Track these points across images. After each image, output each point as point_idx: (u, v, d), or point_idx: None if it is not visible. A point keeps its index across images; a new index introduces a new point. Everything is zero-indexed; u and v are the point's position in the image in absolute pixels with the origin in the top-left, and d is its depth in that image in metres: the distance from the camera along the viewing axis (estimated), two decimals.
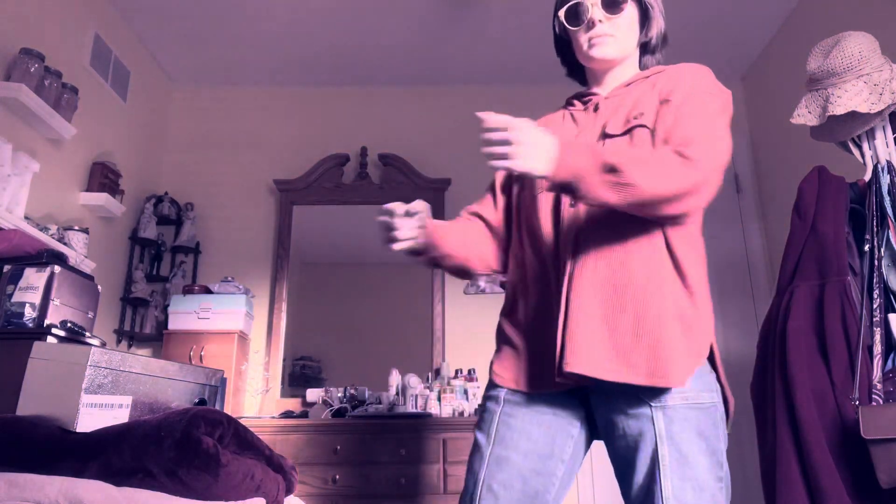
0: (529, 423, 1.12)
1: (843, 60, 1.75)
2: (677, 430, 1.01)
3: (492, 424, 1.14)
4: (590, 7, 1.18)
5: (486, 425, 1.15)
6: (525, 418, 1.13)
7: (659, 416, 1.02)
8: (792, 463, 1.59)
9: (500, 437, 1.12)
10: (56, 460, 1.21)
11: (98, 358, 1.34)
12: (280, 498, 1.42)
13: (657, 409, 1.02)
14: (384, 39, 3.22)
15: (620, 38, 1.20)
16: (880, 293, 1.60)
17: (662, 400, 1.02)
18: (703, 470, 1.00)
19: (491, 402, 1.17)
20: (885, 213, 1.68)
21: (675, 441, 1.00)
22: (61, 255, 2.05)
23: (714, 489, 1.00)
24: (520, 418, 1.13)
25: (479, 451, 1.14)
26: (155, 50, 3.31)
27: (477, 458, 1.14)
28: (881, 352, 1.55)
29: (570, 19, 1.21)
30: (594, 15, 1.18)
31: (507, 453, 1.11)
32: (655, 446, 1.00)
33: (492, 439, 1.13)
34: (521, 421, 1.12)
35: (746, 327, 3.17)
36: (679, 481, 0.98)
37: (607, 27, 1.18)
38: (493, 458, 1.11)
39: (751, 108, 3.48)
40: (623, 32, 1.21)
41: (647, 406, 1.03)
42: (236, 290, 2.98)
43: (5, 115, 2.25)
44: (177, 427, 1.24)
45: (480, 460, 1.13)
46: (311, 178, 3.35)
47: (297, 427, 2.57)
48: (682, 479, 0.99)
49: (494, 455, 1.11)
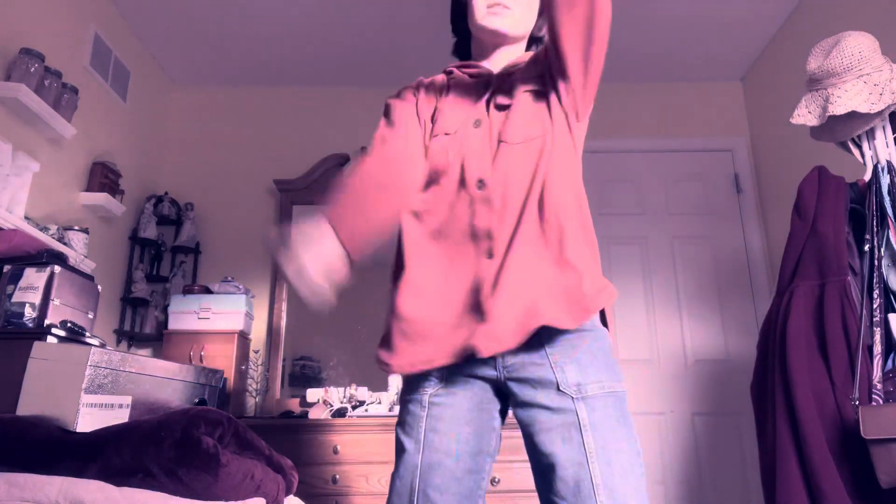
0: (457, 424, 1.10)
1: (843, 60, 1.75)
2: (599, 418, 1.02)
3: (419, 430, 1.10)
4: None
5: (412, 430, 1.11)
6: (452, 420, 1.10)
7: (581, 406, 1.02)
8: (792, 463, 1.59)
9: (428, 442, 1.09)
10: (56, 460, 1.21)
11: (98, 358, 1.34)
12: (280, 498, 1.42)
13: (579, 400, 1.03)
14: (384, 39, 3.22)
15: (518, 15, 1.20)
16: (880, 293, 1.60)
17: (582, 391, 1.03)
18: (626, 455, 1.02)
19: (414, 404, 1.13)
20: (885, 213, 1.68)
21: (600, 430, 1.01)
22: (61, 255, 2.05)
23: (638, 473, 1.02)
24: (447, 420, 1.10)
25: (407, 456, 1.10)
26: (155, 50, 3.31)
27: (406, 465, 1.10)
28: (881, 352, 1.55)
29: None
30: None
31: (438, 457, 1.08)
32: (581, 437, 1.01)
33: (420, 445, 1.09)
34: (449, 424, 1.09)
35: (746, 327, 3.17)
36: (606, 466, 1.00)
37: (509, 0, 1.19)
38: (425, 464, 1.08)
39: (751, 108, 3.48)
40: (522, 9, 1.21)
41: (568, 399, 1.03)
42: (236, 290, 2.98)
43: (5, 115, 2.25)
44: (177, 427, 1.24)
45: (411, 467, 1.09)
46: (311, 178, 3.35)
47: (297, 427, 2.57)
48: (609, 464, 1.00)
49: (426, 461, 1.08)
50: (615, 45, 3.67)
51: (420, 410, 1.12)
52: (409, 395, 1.15)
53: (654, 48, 3.29)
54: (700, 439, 3.05)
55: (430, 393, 1.12)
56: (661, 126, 3.52)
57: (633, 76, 3.54)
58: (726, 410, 3.06)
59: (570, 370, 1.04)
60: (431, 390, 1.12)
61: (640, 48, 3.29)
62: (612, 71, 3.50)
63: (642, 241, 3.34)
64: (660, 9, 3.00)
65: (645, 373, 3.13)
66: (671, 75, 3.53)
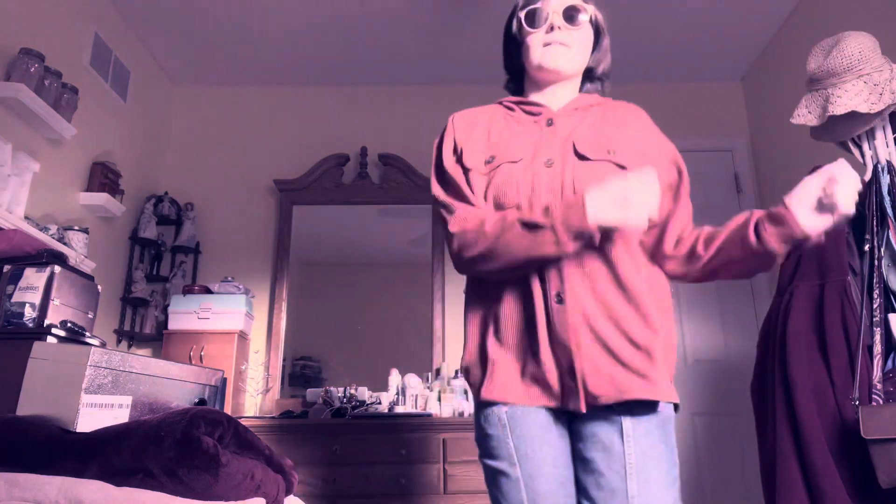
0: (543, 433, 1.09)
1: (843, 60, 1.75)
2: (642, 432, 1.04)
3: (507, 447, 1.08)
4: (550, 13, 1.20)
5: (501, 450, 1.09)
6: (536, 431, 1.08)
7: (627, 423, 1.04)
8: (792, 463, 1.59)
9: (522, 455, 1.07)
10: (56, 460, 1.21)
11: (98, 358, 1.34)
12: (280, 498, 1.42)
13: (626, 418, 1.04)
14: (384, 39, 3.22)
15: (575, 52, 1.22)
16: (880, 293, 1.60)
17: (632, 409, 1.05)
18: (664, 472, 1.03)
19: (493, 427, 1.11)
20: (885, 213, 1.68)
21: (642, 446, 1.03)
22: (61, 255, 2.05)
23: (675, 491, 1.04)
24: (532, 431, 1.08)
25: (505, 477, 1.08)
26: (155, 50, 3.31)
27: (508, 485, 1.07)
28: (881, 352, 1.55)
29: (530, 20, 1.21)
30: (554, 21, 1.19)
31: (537, 466, 1.06)
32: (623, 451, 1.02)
33: (515, 460, 1.07)
34: (533, 433, 1.08)
35: (746, 327, 3.17)
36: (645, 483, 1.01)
37: (565, 35, 1.20)
38: (526, 476, 1.06)
39: (751, 108, 3.48)
40: (577, 47, 1.22)
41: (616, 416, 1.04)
42: (236, 290, 2.98)
43: (5, 115, 2.25)
44: (177, 427, 1.24)
45: (514, 484, 1.07)
46: (311, 178, 3.35)
47: (297, 427, 2.57)
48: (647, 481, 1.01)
49: (526, 473, 1.06)
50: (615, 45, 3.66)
51: (501, 431, 1.10)
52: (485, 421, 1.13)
53: (654, 48, 3.29)
54: (700, 439, 3.04)
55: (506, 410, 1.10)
56: (662, 126, 3.49)
57: (633, 76, 3.54)
58: (726, 410, 3.06)
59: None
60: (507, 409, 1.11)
61: (640, 48, 3.29)
62: (612, 71, 3.49)
63: None
64: (660, 9, 3.00)
65: None
66: (671, 75, 3.53)
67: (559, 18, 1.19)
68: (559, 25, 1.19)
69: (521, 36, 1.25)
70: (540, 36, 1.20)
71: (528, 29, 1.21)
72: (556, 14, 1.20)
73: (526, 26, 1.21)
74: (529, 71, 1.25)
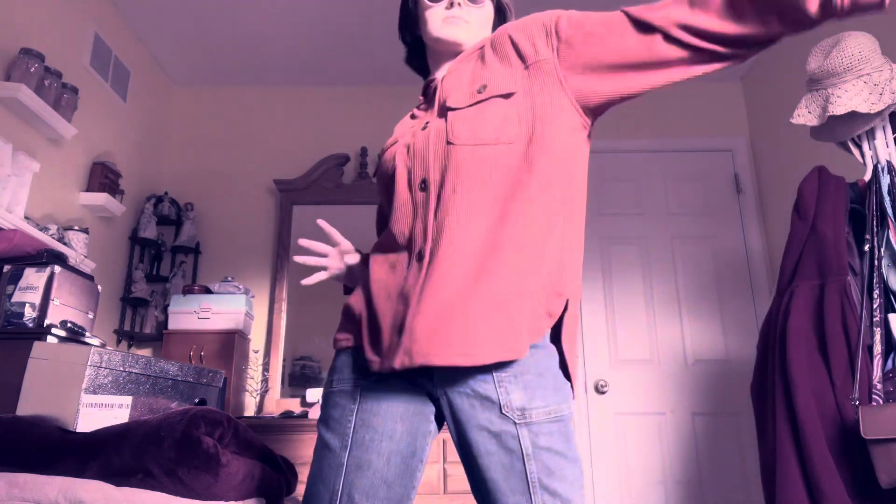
0: (391, 420, 1.00)
1: (843, 60, 1.75)
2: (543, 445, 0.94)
3: (346, 424, 1.00)
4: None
5: (338, 425, 1.01)
6: (385, 414, 1.00)
7: (525, 433, 0.93)
8: (792, 463, 1.59)
9: (358, 439, 0.99)
10: (56, 460, 1.21)
11: (98, 358, 1.34)
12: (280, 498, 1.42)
13: (522, 426, 0.94)
14: (384, 39, 3.22)
15: (474, 28, 1.18)
16: (880, 293, 1.60)
17: (526, 416, 0.94)
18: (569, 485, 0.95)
19: (342, 396, 1.03)
20: (885, 213, 1.68)
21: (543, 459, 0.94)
22: (61, 255, 2.05)
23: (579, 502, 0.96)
24: (380, 415, 1.00)
25: (331, 455, 1.00)
26: (155, 50, 3.31)
27: (329, 465, 1.00)
28: (881, 352, 1.55)
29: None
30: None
31: (367, 457, 0.98)
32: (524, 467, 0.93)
33: (348, 441, 0.99)
34: (382, 418, 1.00)
35: (746, 327, 3.17)
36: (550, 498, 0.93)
37: (464, 12, 1.16)
38: (352, 463, 0.98)
39: (751, 108, 3.48)
40: (477, 24, 1.18)
41: (510, 423, 0.94)
42: (236, 290, 2.98)
43: (5, 115, 2.25)
44: (177, 427, 1.24)
45: (335, 467, 0.99)
46: (311, 178, 3.35)
47: (297, 427, 2.57)
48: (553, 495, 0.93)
49: (353, 460, 0.98)
50: None
51: (349, 403, 1.02)
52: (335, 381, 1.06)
53: None
54: (700, 439, 3.05)
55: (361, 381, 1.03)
56: (661, 126, 3.52)
57: None
58: (726, 410, 3.06)
59: (515, 392, 0.94)
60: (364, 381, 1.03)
61: None
62: None
63: (642, 241, 3.34)
64: None
65: (645, 373, 3.13)
66: None
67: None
68: (459, 2, 1.16)
69: (417, 10, 1.21)
70: (439, 11, 1.16)
71: (427, 2, 1.18)
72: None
73: (426, 0, 1.18)
74: (427, 43, 1.22)
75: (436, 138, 1.05)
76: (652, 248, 3.33)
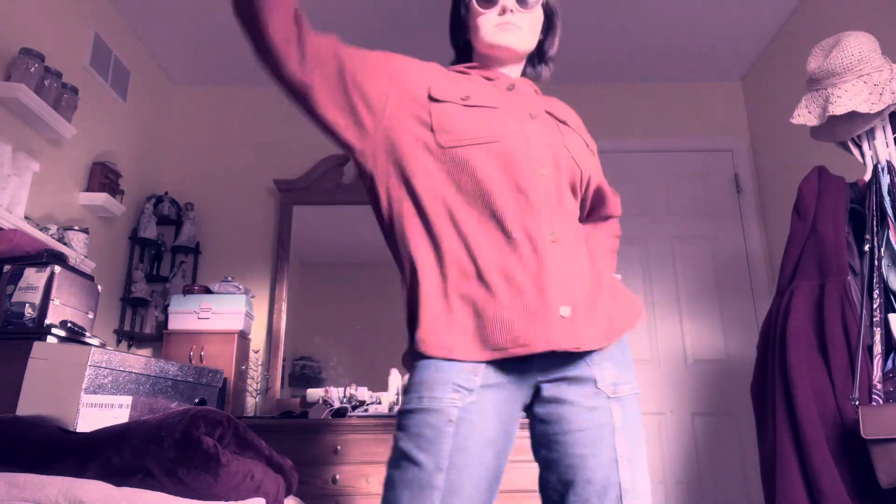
0: (483, 444, 0.98)
1: (843, 60, 1.75)
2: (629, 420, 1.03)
3: (441, 446, 0.96)
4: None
5: (432, 445, 0.96)
6: (480, 439, 0.98)
7: (616, 407, 1.03)
8: (792, 463, 1.59)
9: (453, 463, 0.96)
10: (56, 460, 1.21)
11: (98, 358, 1.34)
12: (280, 498, 1.42)
13: (614, 400, 1.03)
14: (384, 39, 3.22)
15: (525, 35, 1.20)
16: (880, 293, 1.60)
17: (617, 391, 1.04)
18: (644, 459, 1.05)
19: (435, 416, 0.98)
20: (885, 213, 1.68)
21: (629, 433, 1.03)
22: (61, 255, 2.05)
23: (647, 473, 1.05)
24: (474, 439, 0.97)
25: (422, 474, 0.96)
26: (155, 50, 3.31)
27: (419, 484, 0.95)
28: (881, 352, 1.55)
29: (482, 1, 1.19)
30: (506, 3, 1.18)
31: (461, 481, 0.96)
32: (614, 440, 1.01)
33: (443, 464, 0.96)
34: (476, 443, 0.98)
35: (746, 327, 3.17)
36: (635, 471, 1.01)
37: (517, 18, 1.18)
38: (447, 487, 0.95)
39: (751, 108, 3.48)
40: (528, 30, 1.21)
41: (603, 397, 1.02)
42: (236, 290, 2.98)
43: (5, 115, 2.25)
44: (177, 427, 1.24)
45: (426, 487, 0.95)
46: (311, 178, 3.35)
47: (297, 427, 2.57)
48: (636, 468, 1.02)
49: (448, 484, 0.95)
50: (615, 45, 3.66)
51: (445, 424, 0.97)
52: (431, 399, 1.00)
53: (653, 48, 3.29)
54: (700, 439, 3.05)
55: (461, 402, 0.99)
56: (661, 126, 3.52)
57: (633, 76, 3.54)
58: (726, 410, 3.06)
59: (608, 368, 1.04)
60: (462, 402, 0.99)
61: (640, 48, 3.29)
62: (612, 71, 3.50)
63: (642, 241, 3.34)
64: (660, 9, 3.00)
65: (645, 373, 3.13)
66: (671, 75, 3.53)
67: (512, 1, 1.18)
68: (511, 8, 1.17)
69: (469, 17, 1.23)
70: (492, 17, 1.18)
71: (479, 9, 1.19)
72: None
73: (478, 7, 1.19)
74: (479, 49, 1.23)
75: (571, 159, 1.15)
76: (652, 248, 3.33)
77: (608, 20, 3.08)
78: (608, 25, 3.11)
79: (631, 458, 1.01)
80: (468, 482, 0.96)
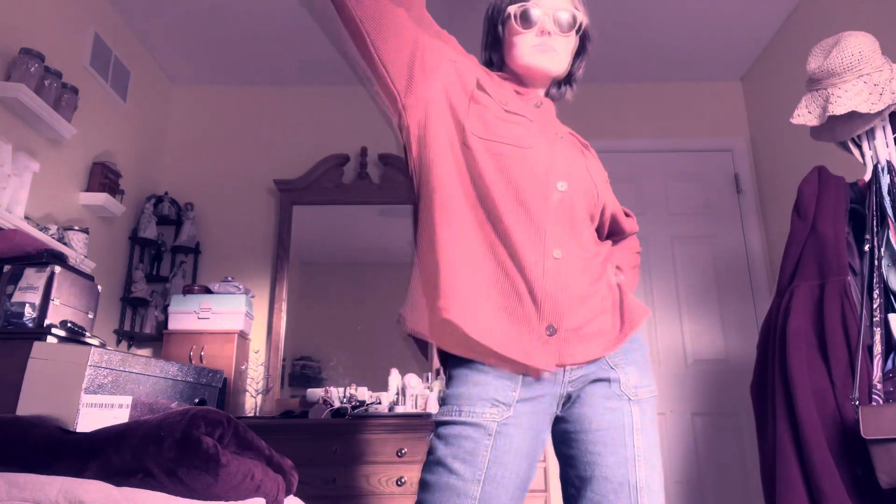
0: (520, 457, 1.03)
1: (843, 60, 1.75)
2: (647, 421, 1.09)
3: (480, 459, 1.00)
4: (542, 17, 1.19)
5: (471, 457, 1.00)
6: (517, 452, 1.02)
7: (635, 409, 1.08)
8: (792, 463, 1.59)
9: (491, 475, 1.00)
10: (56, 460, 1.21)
11: (98, 358, 1.34)
12: (280, 498, 1.42)
13: (634, 402, 1.09)
14: None
15: (561, 58, 1.23)
16: (880, 293, 1.60)
17: (638, 393, 1.10)
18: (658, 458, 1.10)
19: (475, 429, 1.01)
20: (885, 213, 1.68)
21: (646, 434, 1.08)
22: (61, 255, 2.05)
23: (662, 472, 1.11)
24: (511, 453, 1.02)
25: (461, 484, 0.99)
26: (155, 50, 3.31)
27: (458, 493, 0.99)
28: (881, 352, 1.55)
29: (523, 20, 1.20)
30: (545, 25, 1.19)
31: (497, 493, 1.00)
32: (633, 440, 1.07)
33: (481, 476, 1.00)
34: (513, 456, 1.02)
35: (746, 327, 3.17)
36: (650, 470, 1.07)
37: (554, 41, 1.20)
38: (484, 498, 0.99)
39: (751, 108, 3.48)
40: (563, 53, 1.23)
41: (625, 400, 1.08)
42: (236, 290, 2.98)
43: (5, 115, 2.25)
44: (177, 427, 1.24)
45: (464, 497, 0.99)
46: (311, 178, 3.35)
47: (297, 427, 2.57)
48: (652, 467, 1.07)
49: (485, 495, 0.99)
50: (615, 45, 3.66)
51: (484, 437, 1.01)
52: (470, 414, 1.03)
53: (654, 48, 3.29)
54: (700, 439, 3.05)
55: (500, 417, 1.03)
56: (661, 126, 3.52)
57: (633, 76, 3.54)
58: (726, 410, 3.06)
59: (631, 372, 1.10)
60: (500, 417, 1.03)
61: (640, 48, 3.29)
62: (612, 71, 3.50)
63: (642, 241, 3.34)
64: (660, 8, 3.00)
65: None
66: (671, 75, 3.53)
67: (550, 23, 1.19)
68: (549, 31, 1.19)
69: (506, 35, 1.24)
70: (530, 38, 1.20)
71: (518, 29, 1.20)
72: (547, 17, 1.19)
73: (517, 26, 1.20)
74: (514, 67, 1.24)
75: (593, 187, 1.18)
76: (652, 248, 3.33)
77: (608, 20, 3.07)
78: (608, 25, 3.11)
79: (647, 458, 1.06)
80: (503, 493, 1.01)
